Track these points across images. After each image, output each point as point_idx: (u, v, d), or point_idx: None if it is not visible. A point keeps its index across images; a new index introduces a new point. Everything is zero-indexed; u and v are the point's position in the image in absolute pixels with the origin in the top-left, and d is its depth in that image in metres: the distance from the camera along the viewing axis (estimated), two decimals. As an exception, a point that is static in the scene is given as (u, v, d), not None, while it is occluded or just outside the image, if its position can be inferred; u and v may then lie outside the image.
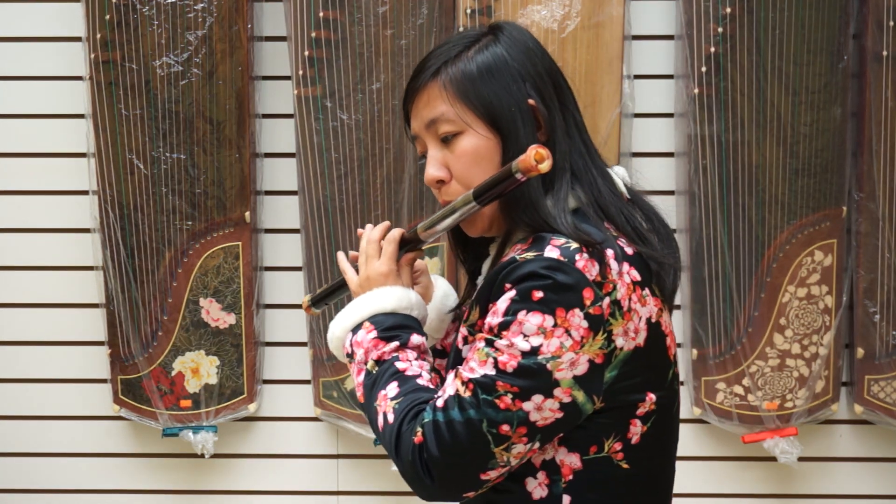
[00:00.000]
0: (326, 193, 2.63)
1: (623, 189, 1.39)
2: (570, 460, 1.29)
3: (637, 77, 2.67)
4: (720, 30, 2.54)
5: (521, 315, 1.22)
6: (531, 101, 1.34)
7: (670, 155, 2.71)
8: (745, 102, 2.57)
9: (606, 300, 1.23)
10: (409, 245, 1.44)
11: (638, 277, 1.28)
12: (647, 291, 1.29)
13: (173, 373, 2.70)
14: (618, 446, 1.29)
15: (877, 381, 2.67)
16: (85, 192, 2.71)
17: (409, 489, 3.08)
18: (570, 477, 1.29)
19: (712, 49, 2.55)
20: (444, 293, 1.56)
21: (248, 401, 2.73)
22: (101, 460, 2.83)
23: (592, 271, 1.23)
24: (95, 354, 2.78)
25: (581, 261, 1.23)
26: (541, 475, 1.30)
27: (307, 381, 2.77)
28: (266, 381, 2.80)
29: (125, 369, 2.70)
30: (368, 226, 1.49)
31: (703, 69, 2.55)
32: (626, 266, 1.27)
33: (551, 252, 1.24)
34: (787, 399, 2.67)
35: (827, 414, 2.71)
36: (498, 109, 1.33)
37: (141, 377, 2.70)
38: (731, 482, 2.79)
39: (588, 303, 1.22)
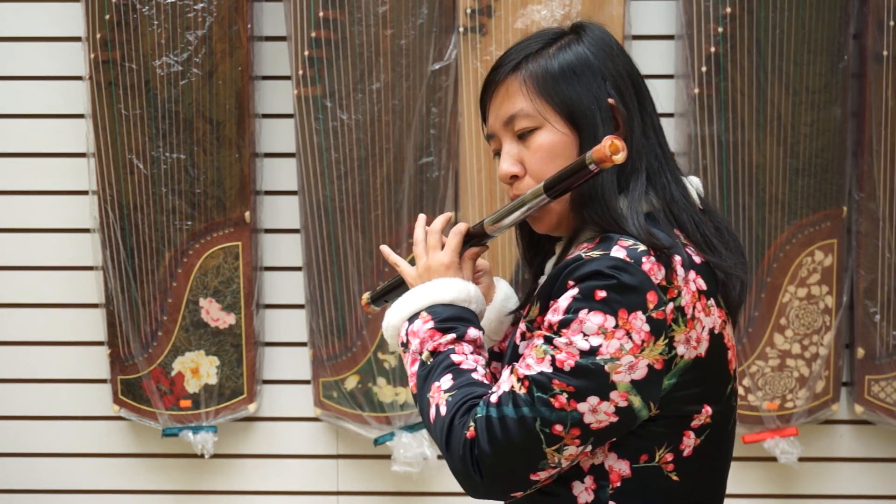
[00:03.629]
0: (326, 193, 2.63)
1: (696, 198, 1.37)
2: (620, 467, 1.26)
3: (637, 77, 2.67)
4: (720, 30, 2.54)
5: (583, 314, 1.20)
6: (611, 101, 1.32)
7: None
8: (745, 102, 2.56)
9: (670, 305, 1.21)
10: (474, 240, 1.41)
11: (704, 286, 1.26)
12: (712, 301, 1.26)
13: (173, 373, 2.70)
14: (669, 457, 1.26)
15: (877, 382, 2.67)
16: (85, 192, 2.71)
17: (408, 490, 3.07)
18: (618, 484, 1.26)
19: (712, 49, 2.55)
20: (505, 295, 1.53)
21: (247, 401, 2.73)
22: (101, 460, 2.83)
23: (658, 275, 1.21)
24: (95, 354, 2.78)
25: (647, 263, 1.21)
26: (588, 480, 1.27)
27: (307, 382, 2.77)
28: (266, 382, 2.80)
29: (125, 369, 2.70)
30: (423, 216, 1.47)
31: (704, 69, 2.55)
32: (692, 274, 1.25)
33: (618, 252, 1.22)
34: (788, 399, 2.67)
35: (827, 414, 2.71)
36: (578, 107, 1.31)
37: (141, 377, 2.70)
38: (731, 482, 2.75)
39: (651, 306, 1.20)
